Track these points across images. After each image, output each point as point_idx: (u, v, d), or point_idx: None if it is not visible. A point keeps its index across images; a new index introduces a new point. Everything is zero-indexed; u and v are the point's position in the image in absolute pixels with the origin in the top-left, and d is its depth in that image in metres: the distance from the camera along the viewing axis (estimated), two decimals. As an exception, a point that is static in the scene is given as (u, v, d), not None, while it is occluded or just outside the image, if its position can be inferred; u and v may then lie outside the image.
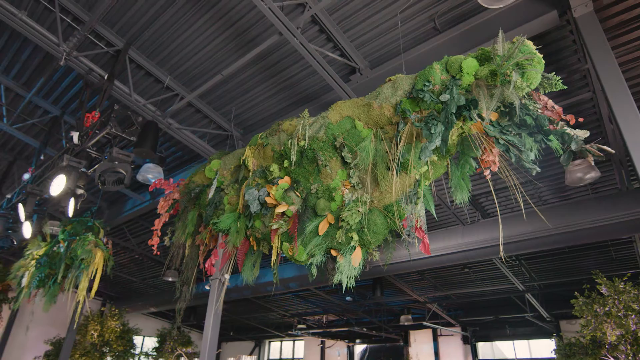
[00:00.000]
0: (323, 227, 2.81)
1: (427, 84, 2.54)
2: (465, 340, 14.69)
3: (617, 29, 4.04)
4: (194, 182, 4.15)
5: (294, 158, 2.97)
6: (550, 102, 2.38)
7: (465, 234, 7.16)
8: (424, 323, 11.66)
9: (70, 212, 4.86)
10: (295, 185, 2.97)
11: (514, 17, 4.30)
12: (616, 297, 6.90)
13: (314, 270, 2.74)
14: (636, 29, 4.02)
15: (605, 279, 7.25)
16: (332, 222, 2.80)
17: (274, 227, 2.95)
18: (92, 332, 11.88)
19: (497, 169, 2.51)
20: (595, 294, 7.24)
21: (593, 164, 2.07)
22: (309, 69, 5.63)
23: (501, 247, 3.33)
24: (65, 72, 6.33)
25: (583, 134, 2.14)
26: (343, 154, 2.88)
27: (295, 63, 5.61)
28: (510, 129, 2.40)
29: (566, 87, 2.37)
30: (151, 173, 6.78)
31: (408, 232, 2.58)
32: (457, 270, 10.64)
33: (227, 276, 6.04)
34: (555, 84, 2.40)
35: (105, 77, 5.42)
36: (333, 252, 2.87)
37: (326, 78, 4.90)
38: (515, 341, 14.07)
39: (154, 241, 3.98)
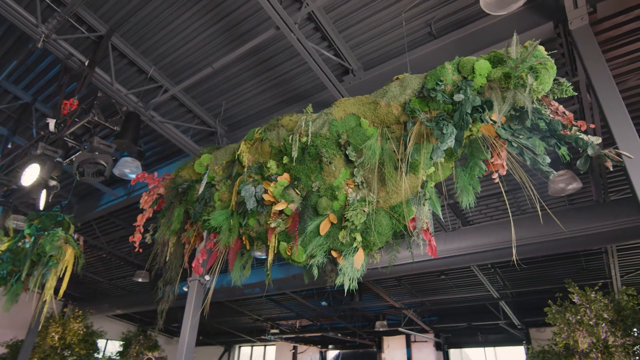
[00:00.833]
0: (324, 227, 2.70)
1: (439, 83, 2.49)
2: (438, 346, 14.85)
3: (609, 42, 4.17)
4: (182, 177, 3.94)
5: (295, 154, 2.85)
6: (561, 108, 2.37)
7: (448, 241, 7.21)
8: (400, 329, 11.68)
9: (42, 205, 4.53)
10: (296, 182, 2.85)
11: (510, 26, 4.36)
12: (587, 305, 7.10)
13: (315, 272, 2.62)
14: (628, 43, 4.17)
15: (577, 288, 7.46)
16: (335, 222, 2.69)
17: (272, 225, 2.81)
18: (53, 334, 11.20)
19: (505, 172, 2.48)
20: (567, 302, 7.43)
21: (611, 168, 2.06)
22: (302, 67, 5.53)
23: (514, 250, 3.31)
24: (39, 57, 5.95)
25: (596, 139, 2.14)
26: (347, 152, 2.78)
27: (288, 60, 5.49)
28: (521, 133, 2.37)
29: (576, 94, 2.37)
30: (129, 167, 6.46)
31: (417, 234, 2.51)
32: (434, 277, 10.75)
33: (207, 278, 5.81)
34: (566, 90, 2.39)
35: (86, 64, 5.12)
36: (334, 253, 2.76)
37: (321, 77, 4.81)
38: (486, 348, 14.35)
39: (136, 238, 3.74)
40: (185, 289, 5.95)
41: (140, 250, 3.69)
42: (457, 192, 2.60)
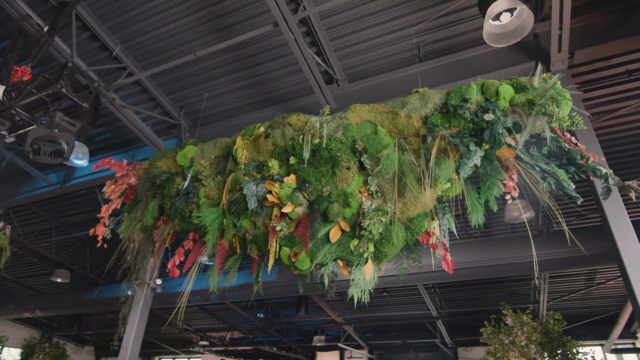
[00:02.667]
0: (335, 234, 2.56)
1: (466, 100, 2.52)
2: (370, 363, 15.02)
3: (583, 86, 4.62)
4: (158, 168, 3.56)
5: (307, 155, 2.69)
6: (574, 139, 2.52)
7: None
8: (340, 345, 11.65)
9: (-28, 184, 3.82)
10: (307, 185, 2.68)
11: (495, 61, 4.63)
12: (520, 327, 7.66)
13: (326, 281, 2.47)
14: (596, 89, 4.66)
15: (510, 310, 8.02)
16: (347, 230, 2.57)
17: (277, 228, 2.61)
18: (-60, 339, 9.48)
19: (517, 194, 2.56)
20: (502, 323, 7.95)
21: (634, 199, 2.21)
22: (286, 69, 5.37)
23: (535, 264, 3.40)
24: (-20, 14, 5.13)
25: (609, 170, 2.29)
26: (362, 159, 2.69)
27: (272, 60, 5.31)
28: (539, 159, 2.47)
29: (585, 128, 2.53)
30: (75, 152, 5.75)
31: (435, 248, 2.48)
32: (377, 293, 10.91)
33: (159, 282, 5.30)
34: (577, 123, 2.54)
35: (45, 30, 4.50)
36: (339, 263, 2.63)
37: (311, 81, 4.71)
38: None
39: (99, 231, 3.27)
40: (129, 292, 5.36)
41: (105, 246, 3.22)
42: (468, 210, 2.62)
